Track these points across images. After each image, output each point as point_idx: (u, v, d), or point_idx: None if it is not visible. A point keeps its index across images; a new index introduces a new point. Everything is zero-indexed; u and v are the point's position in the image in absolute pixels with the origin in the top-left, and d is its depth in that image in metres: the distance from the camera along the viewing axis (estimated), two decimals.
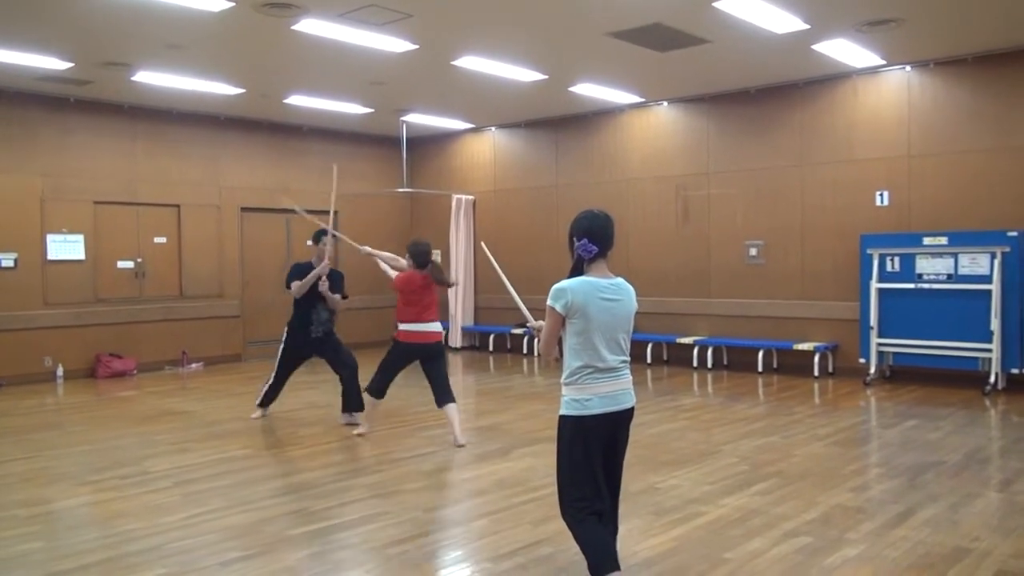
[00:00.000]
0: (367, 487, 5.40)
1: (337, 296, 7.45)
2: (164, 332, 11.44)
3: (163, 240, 11.51)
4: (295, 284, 7.31)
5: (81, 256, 10.65)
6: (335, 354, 7.50)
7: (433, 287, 6.64)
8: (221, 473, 5.79)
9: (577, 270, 3.54)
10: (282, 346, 7.62)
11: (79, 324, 10.65)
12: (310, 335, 7.43)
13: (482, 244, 5.87)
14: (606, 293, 3.49)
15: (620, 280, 3.60)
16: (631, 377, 3.63)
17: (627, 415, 3.58)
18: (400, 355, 6.68)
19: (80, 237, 10.66)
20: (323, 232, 7.42)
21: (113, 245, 11.01)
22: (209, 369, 11.43)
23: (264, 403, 7.81)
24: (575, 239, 3.52)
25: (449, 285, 6.95)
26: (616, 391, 3.52)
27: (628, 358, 3.62)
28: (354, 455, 6.36)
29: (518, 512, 4.80)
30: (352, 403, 7.42)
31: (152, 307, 11.35)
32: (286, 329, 7.62)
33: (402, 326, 6.62)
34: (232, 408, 8.40)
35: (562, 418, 3.53)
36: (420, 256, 6.60)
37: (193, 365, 11.55)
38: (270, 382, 7.73)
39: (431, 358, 6.64)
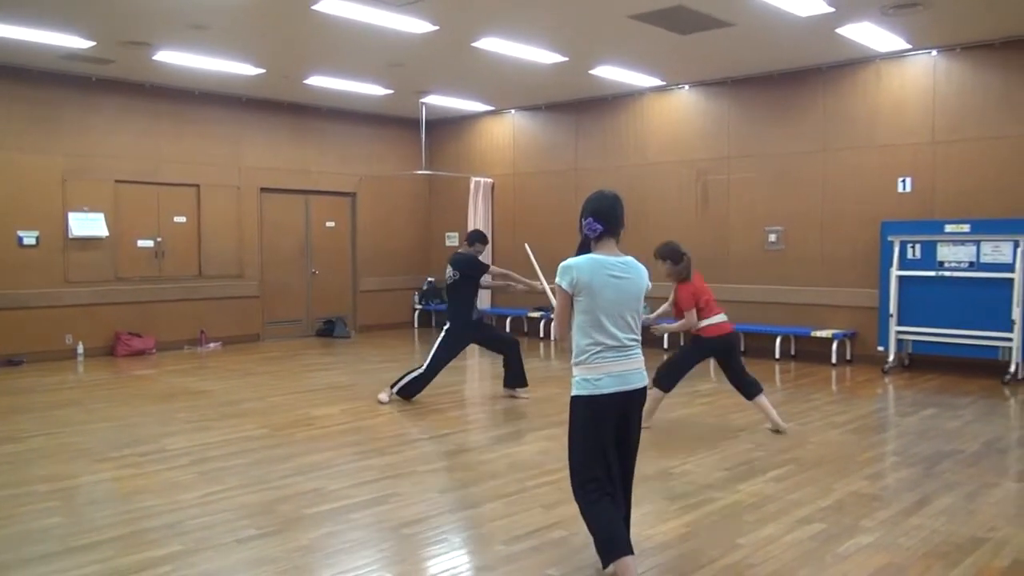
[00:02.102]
0: (381, 468, 5.44)
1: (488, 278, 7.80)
2: (183, 311, 11.52)
3: (183, 220, 11.57)
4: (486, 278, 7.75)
5: (102, 234, 10.73)
6: (494, 335, 8.01)
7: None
8: (238, 452, 5.84)
9: (584, 248, 3.57)
10: (444, 334, 7.50)
11: (99, 302, 10.75)
12: (471, 318, 7.57)
13: (526, 246, 6.01)
14: (613, 270, 3.49)
15: (630, 258, 3.59)
16: (643, 357, 3.63)
17: (639, 395, 3.57)
18: (704, 350, 6.57)
19: (101, 216, 10.73)
20: (479, 239, 7.73)
21: (133, 224, 11.09)
22: (227, 349, 11.51)
23: (409, 393, 7.49)
24: (582, 218, 3.56)
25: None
26: (627, 370, 3.50)
27: (638, 337, 3.60)
28: (369, 436, 6.39)
29: (532, 495, 4.82)
30: (516, 379, 7.80)
31: (171, 286, 11.43)
32: (450, 318, 7.61)
33: (703, 323, 6.38)
34: (250, 388, 8.47)
35: (573, 399, 3.54)
36: (676, 253, 6.44)
37: (211, 345, 11.64)
38: (422, 371, 7.44)
39: (734, 349, 6.58)
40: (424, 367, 7.45)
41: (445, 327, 7.58)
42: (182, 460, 5.62)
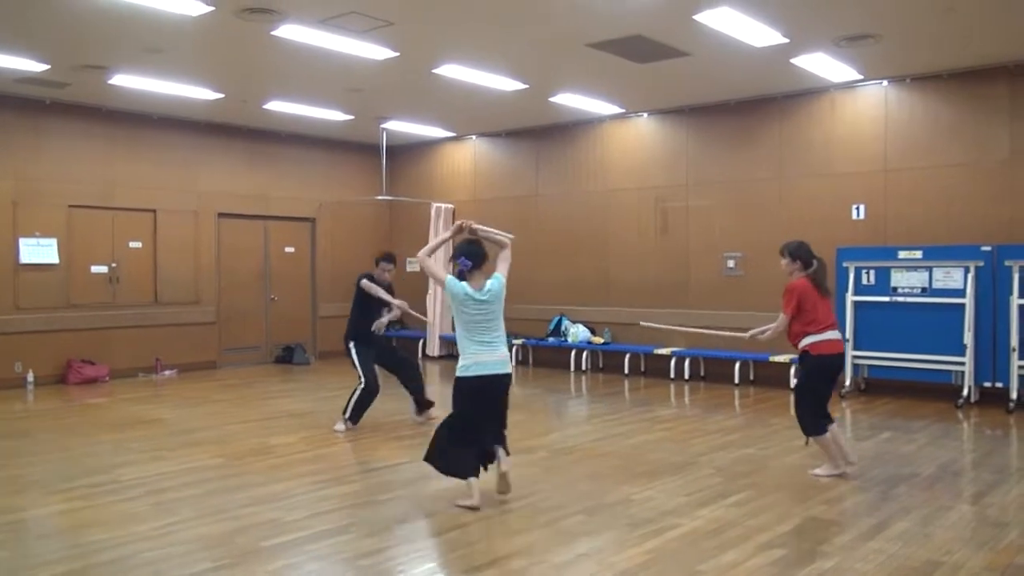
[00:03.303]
0: (340, 497, 5.36)
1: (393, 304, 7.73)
2: (138, 338, 11.30)
3: (138, 245, 11.39)
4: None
5: (54, 260, 10.51)
6: (389, 353, 7.88)
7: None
8: (194, 482, 5.71)
9: (461, 276, 5.11)
10: (353, 348, 7.57)
11: (51, 329, 10.50)
12: (366, 331, 7.60)
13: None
14: (478, 295, 5.04)
15: (490, 282, 5.11)
16: (507, 353, 5.10)
17: (500, 379, 5.07)
18: (822, 371, 5.78)
19: (53, 241, 10.52)
20: (380, 258, 7.90)
21: (87, 250, 10.88)
22: (183, 376, 11.31)
23: (359, 412, 7.46)
24: (456, 258, 5.10)
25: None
26: (488, 360, 5.02)
27: (501, 335, 5.12)
28: (328, 465, 6.30)
29: (492, 523, 4.77)
30: (421, 404, 7.76)
31: (126, 313, 11.22)
32: (356, 333, 7.64)
33: (811, 338, 5.69)
34: (206, 416, 8.32)
35: (455, 380, 5.07)
36: (809, 255, 5.86)
37: (167, 372, 11.42)
38: (361, 386, 7.43)
39: (837, 373, 5.91)
40: (361, 381, 7.45)
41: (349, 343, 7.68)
42: (135, 491, 5.48)
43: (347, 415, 7.45)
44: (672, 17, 7.16)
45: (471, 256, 5.13)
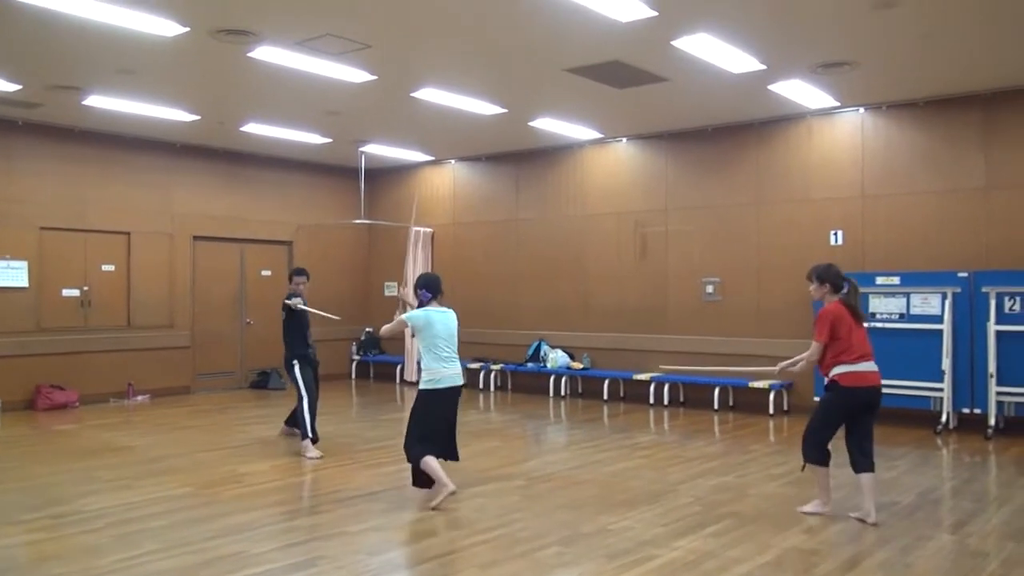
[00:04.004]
0: (310, 528, 5.22)
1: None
2: (110, 363, 11.09)
3: (111, 268, 11.21)
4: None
5: (24, 284, 10.32)
6: (316, 378, 7.90)
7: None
8: (160, 513, 5.55)
9: (422, 306, 5.88)
10: (294, 365, 7.71)
11: (19, 354, 10.28)
12: (303, 349, 7.78)
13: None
14: (441, 309, 5.87)
15: (448, 309, 5.94)
16: (460, 368, 5.83)
17: (456, 390, 5.81)
18: (846, 403, 5.44)
19: (23, 264, 10.33)
20: (298, 273, 8.17)
21: (58, 272, 10.69)
22: (156, 402, 11.10)
23: (313, 428, 7.54)
24: (418, 289, 5.92)
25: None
26: (450, 375, 5.75)
27: (456, 354, 5.82)
28: (298, 494, 6.17)
29: (466, 555, 4.66)
30: (293, 421, 8.01)
31: (98, 337, 11.02)
32: (296, 353, 7.75)
33: (843, 368, 5.37)
34: (177, 443, 8.14)
35: (420, 391, 5.80)
36: (838, 278, 5.52)
37: (139, 397, 11.22)
38: (305, 401, 7.57)
39: (873, 408, 5.50)
40: (305, 395, 7.58)
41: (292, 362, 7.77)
42: (98, 522, 5.32)
43: (310, 435, 7.46)
44: (650, 43, 7.16)
45: (430, 287, 5.93)
